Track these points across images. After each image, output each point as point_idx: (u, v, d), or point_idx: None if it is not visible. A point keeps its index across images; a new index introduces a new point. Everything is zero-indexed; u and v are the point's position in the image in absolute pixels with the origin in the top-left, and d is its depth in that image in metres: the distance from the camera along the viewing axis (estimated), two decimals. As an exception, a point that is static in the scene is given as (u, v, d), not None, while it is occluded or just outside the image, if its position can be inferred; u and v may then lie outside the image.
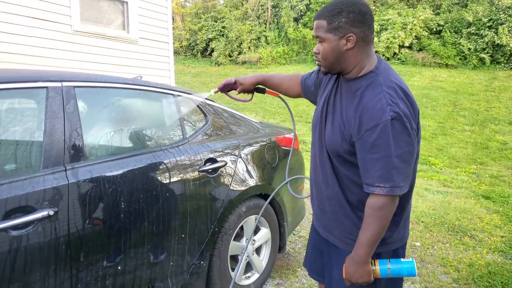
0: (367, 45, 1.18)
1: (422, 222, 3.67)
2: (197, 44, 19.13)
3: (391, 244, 1.25)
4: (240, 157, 2.23)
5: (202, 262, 1.99)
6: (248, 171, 2.24)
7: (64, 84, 1.61)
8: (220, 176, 2.07)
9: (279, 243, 2.56)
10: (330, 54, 1.18)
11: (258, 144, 2.38)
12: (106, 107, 1.82)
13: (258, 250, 2.46)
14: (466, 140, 7.70)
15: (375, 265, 1.18)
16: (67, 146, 1.53)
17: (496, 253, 3.05)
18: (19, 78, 1.50)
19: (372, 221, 1.13)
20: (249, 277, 2.38)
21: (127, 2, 5.67)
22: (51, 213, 1.40)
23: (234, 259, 2.30)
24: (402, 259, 1.20)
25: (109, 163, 1.64)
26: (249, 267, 2.40)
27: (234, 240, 2.19)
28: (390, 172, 1.08)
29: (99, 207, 1.56)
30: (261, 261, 2.44)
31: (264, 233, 2.42)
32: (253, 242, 2.36)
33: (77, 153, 1.55)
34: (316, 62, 1.25)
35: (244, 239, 2.29)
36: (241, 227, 2.26)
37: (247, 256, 2.32)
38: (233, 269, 2.26)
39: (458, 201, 4.36)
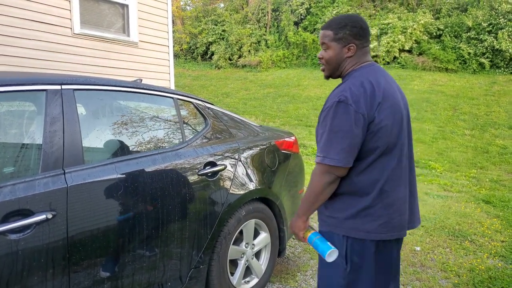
0: (364, 54, 1.39)
1: (422, 226, 3.66)
2: (197, 47, 19.16)
3: (342, 228, 1.33)
4: (240, 160, 2.22)
5: (201, 266, 1.98)
6: (247, 174, 2.24)
7: (64, 87, 1.61)
8: (220, 180, 2.07)
9: (278, 248, 2.55)
10: (333, 60, 1.40)
11: (258, 148, 2.38)
12: (105, 110, 1.82)
13: (257, 255, 2.44)
14: (466, 144, 7.69)
15: (309, 231, 1.40)
16: (66, 149, 1.52)
17: (496, 258, 3.03)
18: (19, 81, 1.50)
19: (309, 185, 1.33)
20: (248, 281, 2.37)
21: (127, 5, 5.68)
22: (50, 216, 1.39)
23: (233, 263, 2.29)
24: (329, 243, 1.35)
25: (108, 167, 1.63)
26: (248, 271, 2.38)
27: (233, 244, 2.18)
28: (326, 144, 1.26)
29: (97, 211, 1.55)
30: (261, 265, 2.42)
31: (264, 237, 2.41)
32: (253, 246, 2.34)
33: (76, 156, 1.55)
34: (321, 66, 1.45)
35: (243, 243, 2.28)
36: (241, 231, 2.25)
37: (247, 260, 2.31)
38: (232, 274, 2.24)
39: (458, 205, 4.35)
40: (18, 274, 1.32)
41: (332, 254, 1.31)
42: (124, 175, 1.66)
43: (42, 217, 1.37)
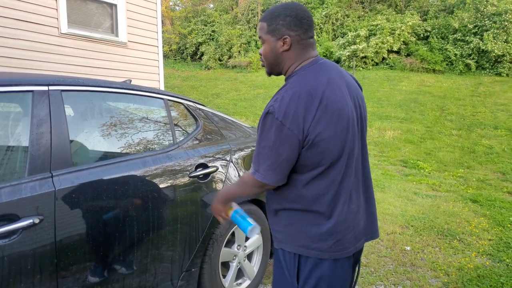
0: (304, 48, 1.22)
1: (412, 226, 3.70)
2: (187, 48, 19.06)
3: (292, 245, 1.22)
4: (232, 162, 2.21)
5: (192, 269, 1.96)
6: (239, 176, 2.22)
7: (51, 88, 1.57)
8: (212, 182, 2.05)
9: (270, 249, 2.54)
10: (269, 55, 1.25)
11: (249, 149, 2.36)
12: (94, 112, 1.78)
13: (249, 256, 2.43)
14: (453, 144, 7.81)
15: (231, 209, 1.37)
16: (53, 152, 1.48)
17: (484, 256, 3.08)
18: (4, 81, 1.46)
19: (240, 185, 1.29)
20: (240, 283, 2.35)
21: (115, 5, 5.62)
22: (37, 221, 1.36)
23: (225, 265, 2.27)
24: (249, 218, 1.34)
25: (97, 169, 1.60)
26: (240, 273, 2.37)
27: (225, 246, 2.17)
28: (257, 157, 1.19)
29: (87, 215, 1.52)
30: (253, 267, 2.41)
31: (256, 239, 2.40)
32: (245, 248, 2.33)
33: (64, 159, 1.51)
34: (262, 63, 1.31)
35: (235, 245, 2.26)
36: (233, 233, 2.23)
37: (239, 262, 2.29)
38: (224, 276, 2.23)
39: (447, 204, 4.41)
40: (4, 281, 1.29)
41: (253, 230, 1.32)
42: (113, 178, 1.63)
43: (29, 221, 1.33)
